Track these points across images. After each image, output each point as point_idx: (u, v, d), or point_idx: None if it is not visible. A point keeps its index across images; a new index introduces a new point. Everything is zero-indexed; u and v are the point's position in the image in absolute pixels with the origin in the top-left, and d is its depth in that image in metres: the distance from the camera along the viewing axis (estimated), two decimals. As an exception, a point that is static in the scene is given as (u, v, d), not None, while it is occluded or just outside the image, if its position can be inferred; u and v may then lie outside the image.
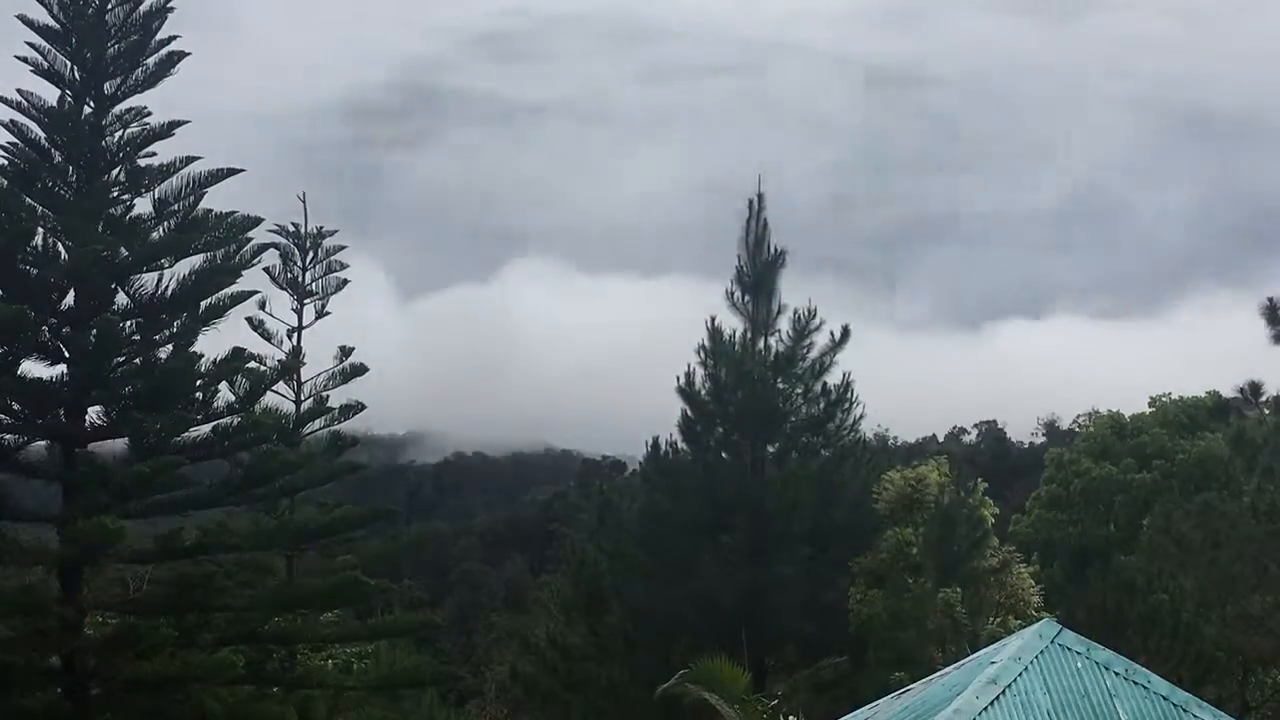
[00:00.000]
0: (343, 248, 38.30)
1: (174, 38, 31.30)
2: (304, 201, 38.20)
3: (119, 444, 31.21)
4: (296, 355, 37.13)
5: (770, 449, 38.77)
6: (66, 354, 30.46)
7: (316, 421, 36.57)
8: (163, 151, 31.19)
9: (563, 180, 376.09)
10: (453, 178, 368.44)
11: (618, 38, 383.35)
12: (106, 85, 31.07)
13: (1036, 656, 16.87)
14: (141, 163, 31.12)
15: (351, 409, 36.54)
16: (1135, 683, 16.82)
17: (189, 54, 31.48)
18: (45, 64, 30.85)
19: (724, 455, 38.99)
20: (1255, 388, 34.90)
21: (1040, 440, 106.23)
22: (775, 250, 38.58)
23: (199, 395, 30.95)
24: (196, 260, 31.18)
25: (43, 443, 31.57)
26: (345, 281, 38.24)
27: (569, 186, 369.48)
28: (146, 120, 31.08)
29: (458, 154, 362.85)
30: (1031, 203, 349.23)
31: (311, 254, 38.02)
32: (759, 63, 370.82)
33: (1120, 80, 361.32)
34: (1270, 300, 31.77)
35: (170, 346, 30.94)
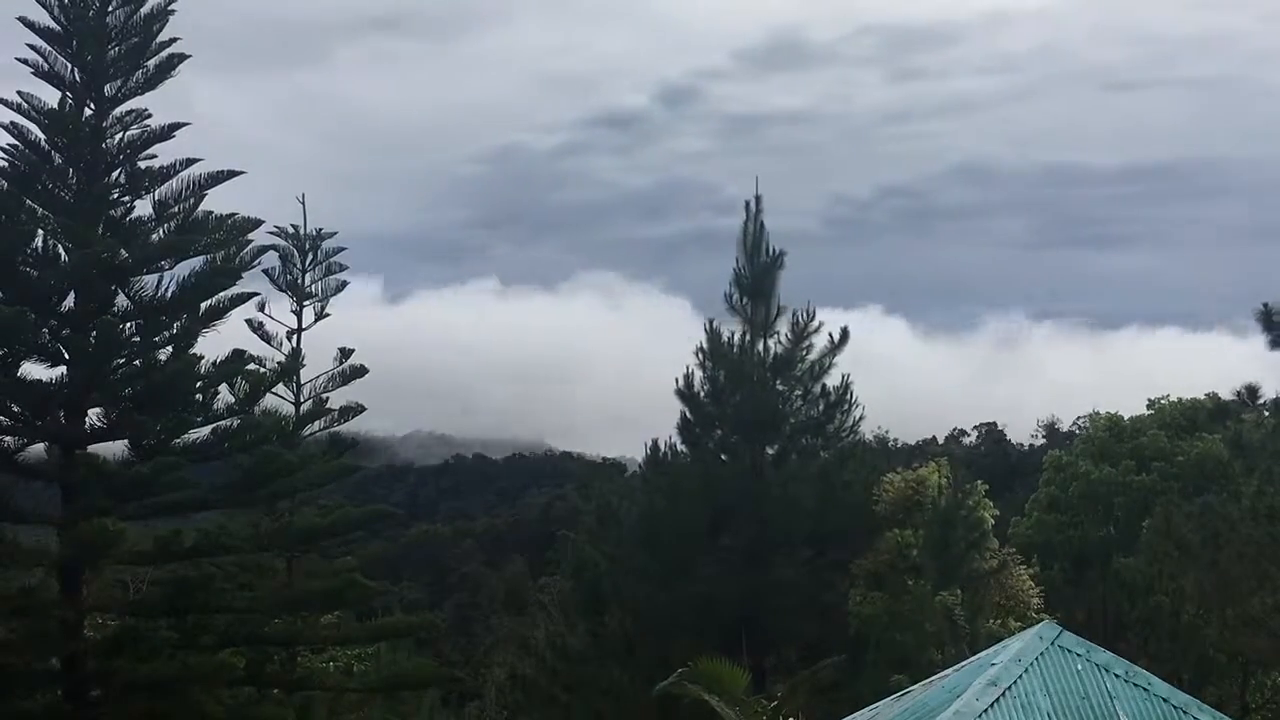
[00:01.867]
0: (342, 249, 38.32)
1: (175, 40, 31.36)
2: (303, 203, 38.18)
3: (119, 446, 31.16)
4: (296, 357, 37.11)
5: (769, 451, 38.77)
6: (66, 356, 30.41)
7: (316, 423, 36.56)
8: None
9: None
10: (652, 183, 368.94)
11: (882, 47, 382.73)
12: (107, 87, 31.04)
13: (1037, 658, 16.90)
14: (141, 165, 31.10)
15: (351, 410, 36.46)
16: (1135, 685, 16.85)
17: (190, 56, 31.53)
18: (46, 66, 30.77)
19: (723, 457, 38.99)
20: (1253, 391, 34.94)
21: (1040, 442, 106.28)
22: (773, 252, 38.63)
23: (199, 397, 30.90)
24: (196, 262, 31.21)
25: (43, 444, 31.51)
26: (344, 283, 38.24)
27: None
28: (147, 122, 31.10)
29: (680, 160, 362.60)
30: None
31: (311, 256, 38.01)
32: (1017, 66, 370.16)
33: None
34: (1266, 306, 31.78)
35: (170, 348, 30.90)
